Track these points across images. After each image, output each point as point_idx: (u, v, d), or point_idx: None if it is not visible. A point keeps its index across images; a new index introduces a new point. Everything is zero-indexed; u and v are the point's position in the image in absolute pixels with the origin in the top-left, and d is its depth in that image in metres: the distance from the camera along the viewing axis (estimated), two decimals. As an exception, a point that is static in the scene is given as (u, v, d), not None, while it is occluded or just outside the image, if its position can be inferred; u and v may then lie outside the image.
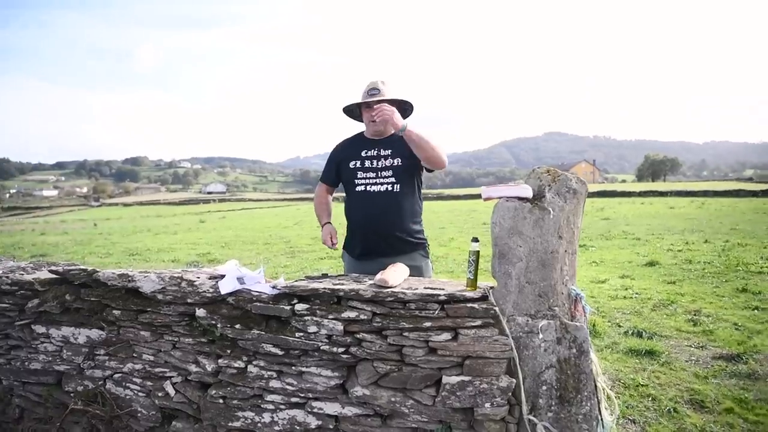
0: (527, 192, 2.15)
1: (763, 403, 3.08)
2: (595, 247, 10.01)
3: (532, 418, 2.11)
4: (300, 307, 2.34)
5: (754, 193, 29.44)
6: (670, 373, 3.55)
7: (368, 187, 2.79)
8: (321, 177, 3.10)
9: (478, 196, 2.64)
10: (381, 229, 2.77)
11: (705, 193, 32.61)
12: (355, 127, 3.03)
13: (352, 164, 2.87)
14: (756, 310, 4.96)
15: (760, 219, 15.12)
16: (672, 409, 3.03)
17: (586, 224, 15.45)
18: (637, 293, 5.81)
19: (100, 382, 2.78)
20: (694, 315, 4.85)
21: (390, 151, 2.79)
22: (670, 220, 15.79)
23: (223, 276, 2.57)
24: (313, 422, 2.35)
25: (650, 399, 3.19)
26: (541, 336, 2.13)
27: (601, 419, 2.14)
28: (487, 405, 2.11)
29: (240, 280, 2.53)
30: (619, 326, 4.61)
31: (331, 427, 2.34)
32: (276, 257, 10.42)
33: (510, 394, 2.12)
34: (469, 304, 2.16)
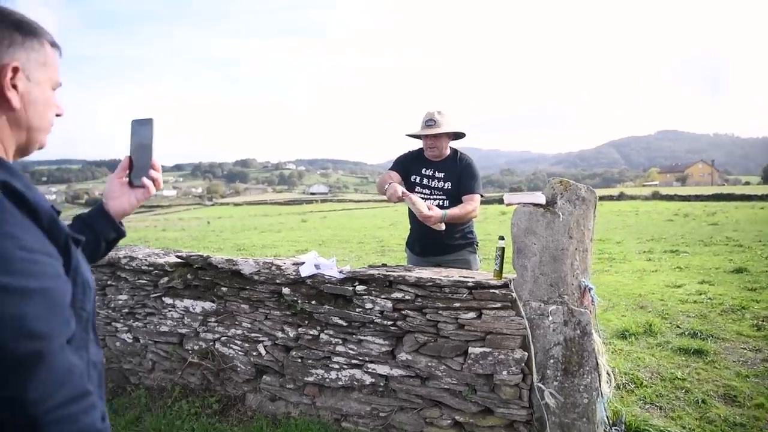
0: (541, 199, 2.60)
1: (796, 402, 3.24)
2: (687, 253, 9.76)
3: (540, 385, 2.56)
4: (360, 288, 2.94)
5: None
6: (711, 371, 3.75)
7: (425, 200, 3.33)
8: (390, 167, 3.59)
9: None
10: (434, 236, 3.29)
11: (841, 199, 29.31)
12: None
13: (413, 178, 3.43)
14: (832, 320, 4.87)
15: None
16: (701, 401, 3.29)
17: (689, 229, 14.80)
18: (710, 298, 5.83)
19: (210, 343, 3.57)
20: (762, 321, 4.87)
21: (443, 174, 3.34)
22: (786, 228, 14.69)
23: (303, 263, 3.25)
24: (368, 380, 2.95)
25: (683, 391, 3.44)
26: (550, 318, 2.57)
27: (600, 391, 2.54)
28: (504, 372, 2.59)
29: (317, 266, 3.19)
30: (678, 327, 4.78)
31: (382, 384, 2.93)
32: (367, 255, 11.19)
33: (523, 364, 2.58)
34: (492, 290, 2.65)
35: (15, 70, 0.95)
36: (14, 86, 0.95)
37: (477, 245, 3.47)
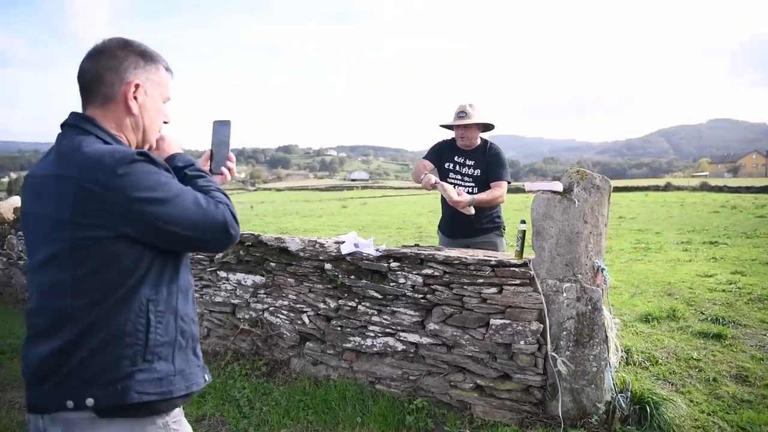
0: (558, 187, 2.87)
1: (806, 383, 3.42)
2: (726, 245, 9.70)
3: (554, 354, 2.85)
4: (394, 264, 3.28)
5: None
6: (727, 353, 3.94)
7: (456, 187, 3.64)
8: (425, 156, 3.92)
9: (626, 189, 3.27)
10: (464, 219, 3.60)
11: None
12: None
13: (446, 165, 3.75)
14: None
15: None
16: (713, 379, 3.50)
17: (734, 221, 14.50)
18: (739, 288, 5.92)
19: (260, 312, 3.98)
20: (789, 310, 4.98)
21: (473, 162, 3.65)
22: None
23: (344, 242, 3.60)
24: (400, 347, 3.30)
25: (697, 370, 3.66)
26: (564, 295, 2.85)
27: (609, 361, 2.81)
28: (522, 342, 2.89)
29: (356, 245, 3.54)
30: (702, 314, 4.94)
31: (412, 351, 3.28)
32: (404, 240, 11.54)
33: (539, 335, 2.87)
34: (512, 268, 2.95)
35: (137, 86, 1.35)
36: (135, 98, 1.35)
37: (503, 229, 3.76)
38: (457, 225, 3.67)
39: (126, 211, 1.19)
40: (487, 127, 3.68)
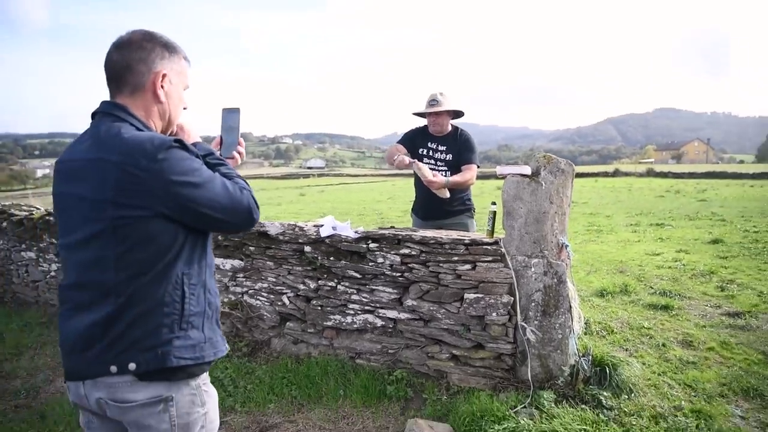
0: (527, 170, 3.11)
1: (742, 346, 3.81)
2: (671, 226, 10.33)
3: (523, 324, 3.10)
4: (373, 245, 3.46)
5: None
6: (674, 322, 4.32)
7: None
8: (398, 141, 4.08)
9: (577, 175, 3.55)
10: (437, 202, 3.82)
11: (832, 178, 29.80)
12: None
13: (420, 150, 3.94)
14: (788, 283, 5.45)
15: None
16: (662, 344, 3.86)
17: (678, 205, 15.37)
18: (684, 264, 6.40)
19: (239, 296, 4.09)
20: (727, 283, 5.45)
21: (445, 147, 3.86)
22: (769, 205, 15.26)
23: (322, 225, 3.75)
24: (379, 323, 3.50)
25: (648, 337, 4.01)
26: (533, 269, 3.10)
27: (572, 328, 3.08)
28: (494, 314, 3.13)
29: (334, 228, 3.70)
30: (651, 288, 5.34)
31: (391, 326, 3.48)
32: (368, 226, 11.70)
33: (509, 307, 3.12)
34: (485, 246, 3.18)
35: (163, 76, 1.46)
36: (162, 87, 1.46)
37: (474, 211, 4.00)
38: (431, 207, 3.88)
39: (164, 193, 1.31)
40: (457, 114, 3.89)
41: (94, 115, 1.45)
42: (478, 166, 3.86)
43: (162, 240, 1.36)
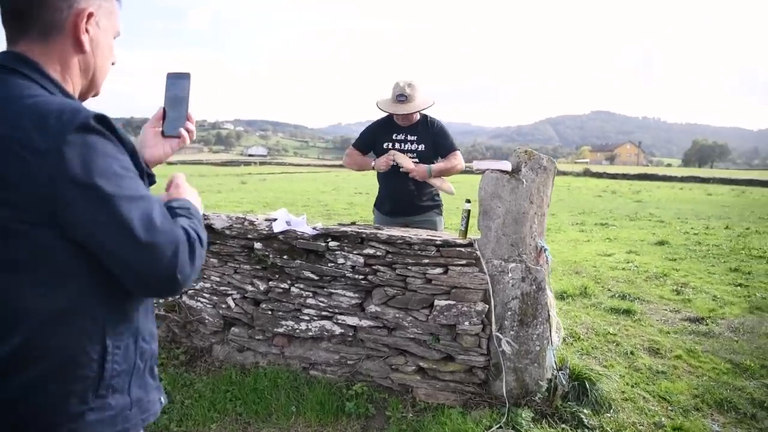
0: (507, 166, 2.83)
1: (708, 354, 3.72)
2: (615, 226, 10.49)
3: (498, 334, 2.83)
4: (333, 244, 3.10)
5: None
6: (638, 328, 4.21)
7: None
8: (354, 143, 3.77)
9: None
10: (405, 196, 3.49)
11: (750, 182, 31.73)
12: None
13: (385, 144, 3.57)
14: (738, 287, 5.51)
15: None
16: (630, 352, 3.71)
17: (617, 205, 15.80)
18: (636, 266, 6.40)
19: (177, 297, 3.63)
20: (681, 287, 5.44)
21: (415, 137, 3.51)
22: (702, 206, 15.91)
23: (275, 219, 3.35)
24: (338, 330, 3.14)
25: (614, 344, 3.86)
26: (510, 275, 2.84)
27: (551, 339, 2.84)
28: (466, 323, 2.84)
29: (288, 222, 3.30)
30: (609, 290, 5.26)
31: (350, 334, 3.13)
32: (314, 218, 11.24)
33: (483, 316, 2.84)
34: (458, 248, 2.88)
35: (89, 15, 1.04)
36: (87, 30, 1.04)
37: (442, 207, 3.69)
38: (398, 203, 3.53)
39: (52, 193, 0.87)
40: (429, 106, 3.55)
41: None
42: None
43: (59, 262, 0.92)
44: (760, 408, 3.00)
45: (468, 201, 3.00)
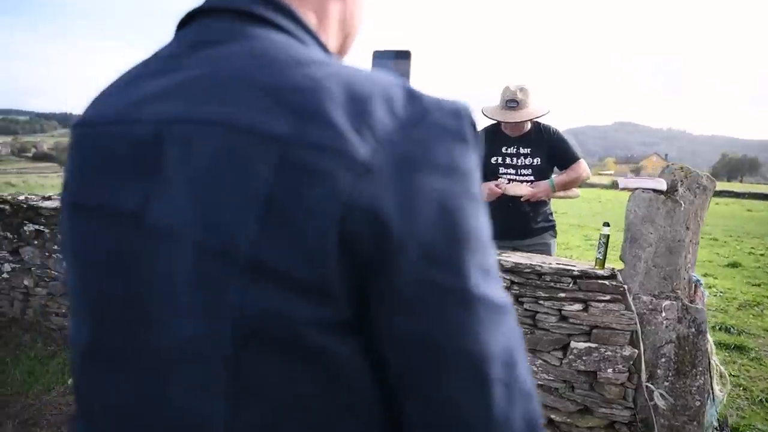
0: (662, 185, 2.40)
1: None
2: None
3: (650, 385, 2.39)
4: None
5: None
6: (759, 368, 3.72)
7: (509, 183, 3.07)
8: None
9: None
10: (519, 219, 3.03)
11: (786, 198, 30.77)
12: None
13: (494, 160, 3.11)
14: None
15: None
16: (764, 399, 3.23)
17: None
18: (721, 292, 5.89)
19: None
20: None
21: (529, 149, 3.05)
22: (747, 223, 15.24)
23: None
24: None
25: (741, 389, 3.39)
26: (663, 314, 2.40)
27: (713, 393, 2.40)
28: (610, 370, 2.41)
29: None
30: (709, 320, 4.75)
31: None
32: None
33: (631, 362, 2.41)
34: (600, 281, 2.45)
35: None
36: None
37: (555, 229, 3.22)
38: (511, 224, 3.07)
39: (383, 262, 0.42)
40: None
41: (191, 17, 0.56)
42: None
43: (351, 393, 0.46)
44: None
45: (606, 224, 2.57)
